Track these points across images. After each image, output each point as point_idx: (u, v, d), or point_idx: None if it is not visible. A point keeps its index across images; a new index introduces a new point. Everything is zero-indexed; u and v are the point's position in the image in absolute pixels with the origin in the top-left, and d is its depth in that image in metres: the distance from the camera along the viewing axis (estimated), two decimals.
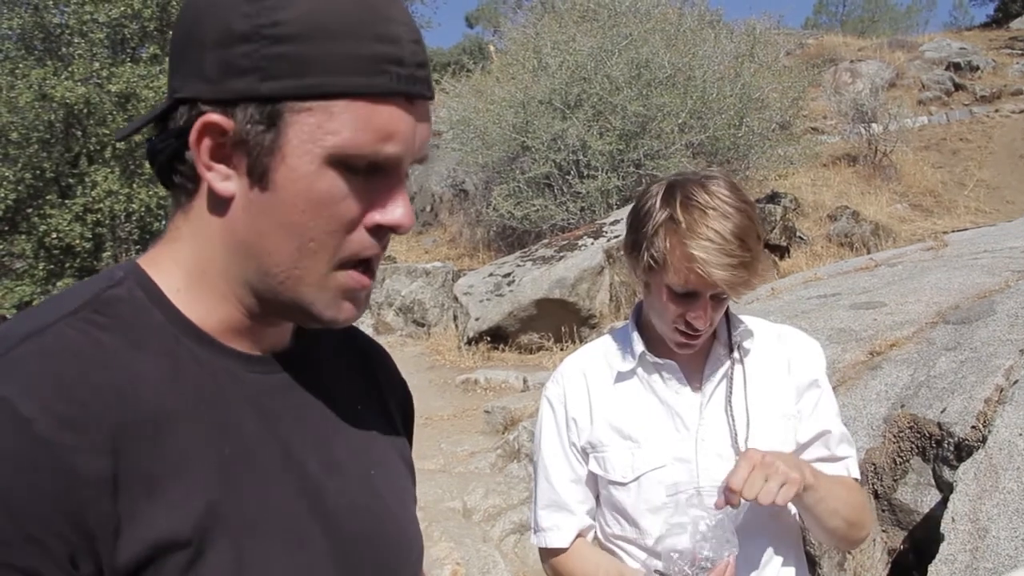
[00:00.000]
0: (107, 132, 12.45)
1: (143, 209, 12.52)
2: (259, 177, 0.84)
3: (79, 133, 12.71)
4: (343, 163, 0.83)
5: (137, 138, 12.81)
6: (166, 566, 0.78)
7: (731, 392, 1.76)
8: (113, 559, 0.76)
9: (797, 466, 1.61)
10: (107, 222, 12.45)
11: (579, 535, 1.84)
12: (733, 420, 1.74)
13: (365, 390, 1.06)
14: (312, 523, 0.90)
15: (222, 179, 0.85)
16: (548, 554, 1.86)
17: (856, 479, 1.86)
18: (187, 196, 0.88)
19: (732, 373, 1.77)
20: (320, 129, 0.82)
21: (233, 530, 0.83)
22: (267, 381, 0.92)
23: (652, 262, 1.67)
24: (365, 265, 0.88)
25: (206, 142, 0.83)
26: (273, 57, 0.80)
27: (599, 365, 1.84)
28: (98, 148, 12.65)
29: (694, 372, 1.79)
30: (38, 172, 12.41)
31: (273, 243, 0.85)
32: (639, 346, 1.79)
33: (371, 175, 0.85)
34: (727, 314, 1.81)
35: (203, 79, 0.82)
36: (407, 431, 1.14)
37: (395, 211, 0.87)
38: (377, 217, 0.86)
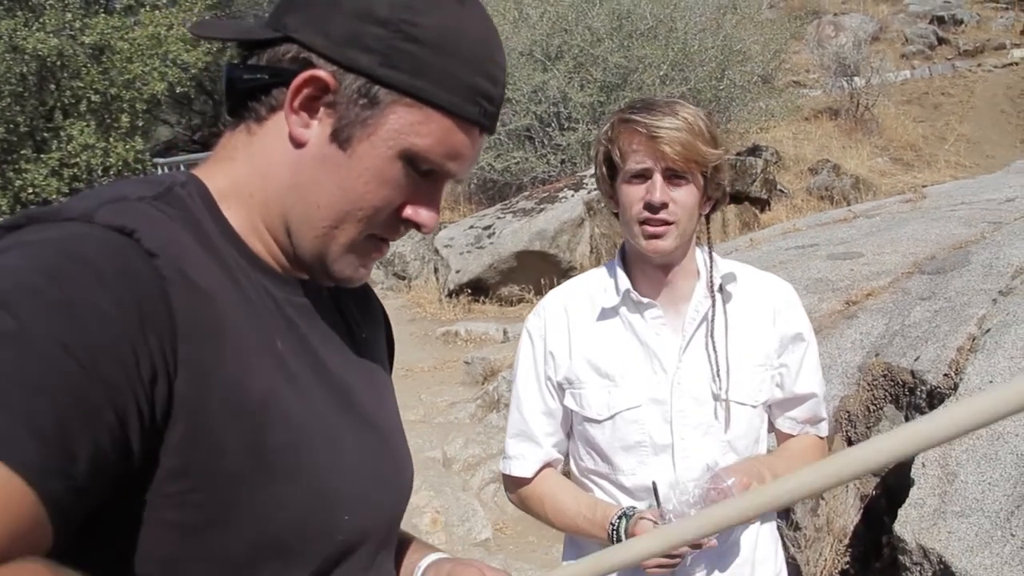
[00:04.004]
0: (81, 85, 12.26)
1: (120, 163, 12.37)
2: (342, 141, 0.92)
3: (53, 86, 12.50)
4: (412, 160, 0.93)
5: (112, 91, 12.63)
6: (233, 432, 0.84)
7: (711, 333, 1.76)
8: (197, 405, 0.82)
9: (758, 473, 1.66)
10: (84, 176, 12.30)
11: (546, 466, 1.86)
12: (716, 362, 1.75)
13: (364, 322, 1.14)
14: (348, 428, 0.99)
15: (302, 125, 0.92)
16: (513, 483, 1.89)
17: (823, 437, 1.91)
18: (256, 122, 0.95)
19: (713, 316, 1.77)
20: (412, 127, 0.92)
21: (291, 415, 0.90)
22: (294, 302, 0.99)
23: (609, 162, 1.75)
24: (383, 240, 0.99)
25: (306, 91, 0.91)
26: (401, 50, 0.90)
27: (582, 301, 1.84)
28: (73, 102, 12.45)
29: (676, 315, 1.79)
30: (12, 126, 12.22)
31: (327, 198, 0.93)
32: (624, 283, 1.79)
33: (423, 177, 0.96)
34: (710, 256, 1.81)
35: (324, 35, 0.91)
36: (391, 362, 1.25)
37: (425, 214, 0.97)
38: (410, 212, 0.97)
